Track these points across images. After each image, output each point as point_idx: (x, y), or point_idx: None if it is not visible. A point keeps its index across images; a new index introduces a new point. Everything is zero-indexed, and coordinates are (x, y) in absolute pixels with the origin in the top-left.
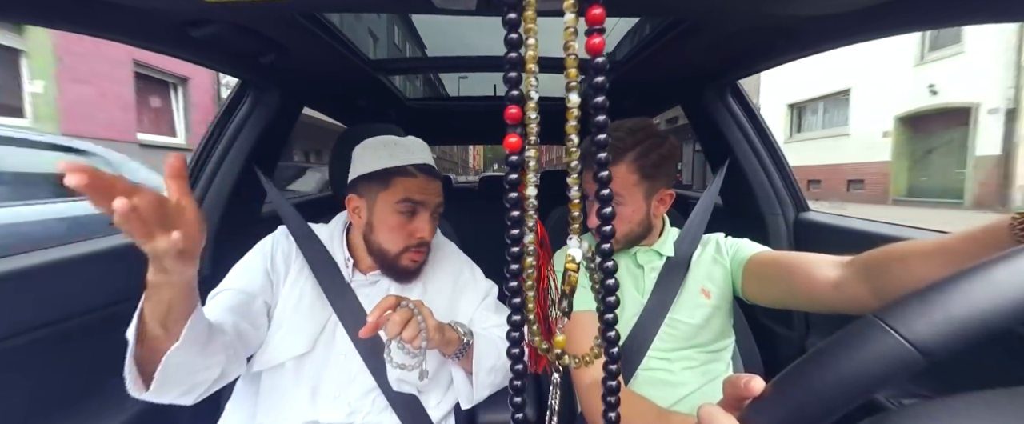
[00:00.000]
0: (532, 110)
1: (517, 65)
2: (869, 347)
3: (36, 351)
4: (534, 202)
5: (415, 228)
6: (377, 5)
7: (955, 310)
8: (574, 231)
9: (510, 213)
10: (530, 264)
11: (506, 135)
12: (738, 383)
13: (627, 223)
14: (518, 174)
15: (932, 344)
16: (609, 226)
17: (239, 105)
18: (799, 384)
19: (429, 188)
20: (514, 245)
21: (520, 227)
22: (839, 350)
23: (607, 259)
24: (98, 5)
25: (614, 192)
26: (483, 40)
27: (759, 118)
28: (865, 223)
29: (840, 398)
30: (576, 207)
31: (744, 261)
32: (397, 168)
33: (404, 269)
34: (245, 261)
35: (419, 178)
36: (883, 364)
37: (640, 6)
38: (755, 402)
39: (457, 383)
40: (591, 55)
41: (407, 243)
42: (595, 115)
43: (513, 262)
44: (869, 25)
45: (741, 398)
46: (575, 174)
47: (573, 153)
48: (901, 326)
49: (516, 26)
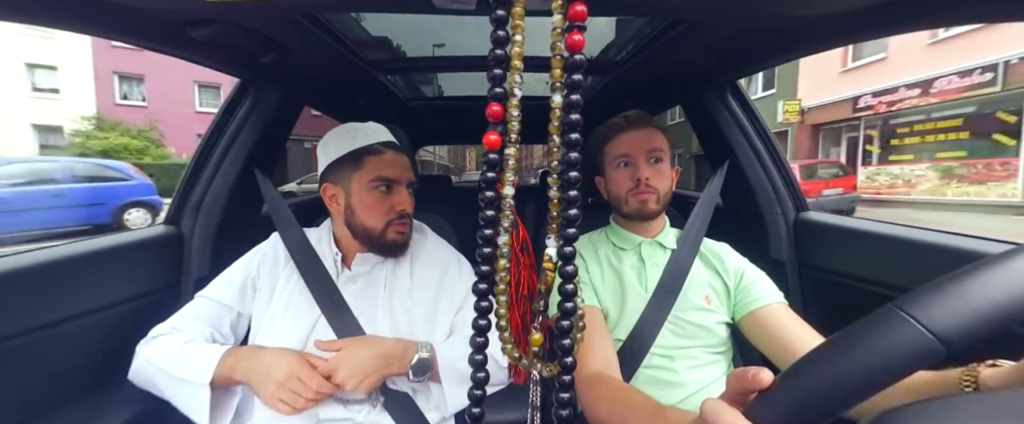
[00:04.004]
0: (514, 108)
1: (502, 62)
2: (889, 336)
3: (37, 350)
4: (511, 202)
5: (395, 202)
6: (377, 5)
7: (975, 300)
8: (552, 230)
9: (484, 212)
10: (503, 267)
11: (486, 132)
12: (745, 376)
13: (668, 180)
14: (495, 172)
15: (953, 334)
16: (573, 228)
17: (239, 105)
18: (812, 375)
19: (399, 162)
20: (486, 245)
21: (494, 227)
22: (857, 340)
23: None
24: (98, 5)
25: (659, 148)
26: (481, 40)
27: (759, 118)
28: (864, 223)
29: (856, 388)
30: (555, 207)
31: (748, 310)
32: (365, 148)
33: (392, 243)
34: (229, 272)
35: (387, 154)
36: (904, 353)
37: (640, 6)
38: (763, 394)
39: (435, 396)
40: (570, 52)
41: (388, 217)
42: (568, 113)
43: (484, 264)
44: (869, 24)
45: (747, 391)
46: (556, 174)
47: (555, 153)
48: (921, 315)
49: (504, 23)
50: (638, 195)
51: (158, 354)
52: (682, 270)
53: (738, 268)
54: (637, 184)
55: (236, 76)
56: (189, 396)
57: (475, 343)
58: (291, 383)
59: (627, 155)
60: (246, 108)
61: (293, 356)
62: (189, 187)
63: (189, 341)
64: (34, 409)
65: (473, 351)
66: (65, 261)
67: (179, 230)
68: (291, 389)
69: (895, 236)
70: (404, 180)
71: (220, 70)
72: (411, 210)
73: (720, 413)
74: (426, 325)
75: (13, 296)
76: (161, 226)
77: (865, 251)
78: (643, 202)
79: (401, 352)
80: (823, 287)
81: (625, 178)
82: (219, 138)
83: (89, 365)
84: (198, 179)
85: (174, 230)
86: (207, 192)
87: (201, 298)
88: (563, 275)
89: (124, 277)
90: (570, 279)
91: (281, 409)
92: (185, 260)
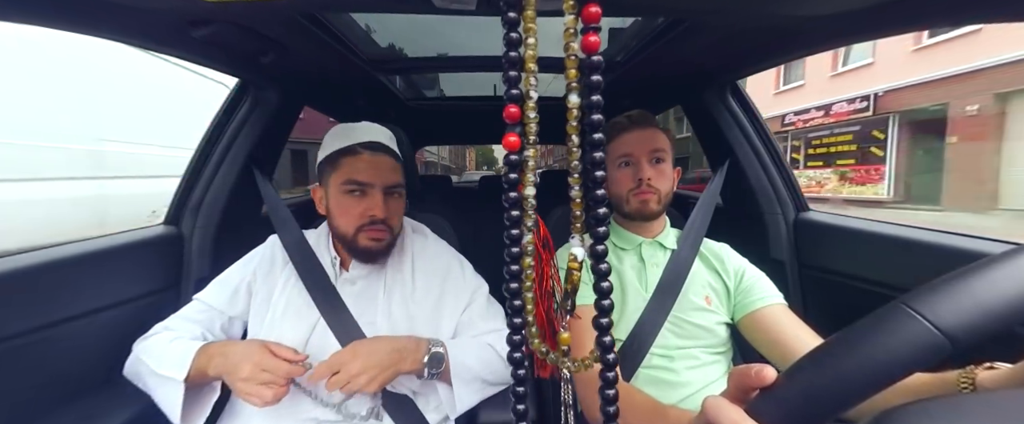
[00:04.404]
0: (531, 109)
1: (516, 64)
2: (896, 333)
3: (37, 350)
4: (533, 202)
5: (366, 207)
6: (377, 5)
7: (982, 296)
8: (576, 229)
9: (509, 212)
10: (529, 264)
11: (505, 134)
12: (747, 373)
13: (670, 180)
14: (517, 173)
15: (959, 330)
16: (603, 227)
17: (239, 105)
18: (817, 371)
19: (377, 165)
20: (514, 245)
21: (519, 227)
22: (863, 336)
23: (600, 261)
24: (98, 5)
25: (661, 149)
26: (482, 40)
27: (759, 118)
28: (864, 223)
29: (862, 384)
30: (578, 206)
31: (747, 311)
32: (345, 149)
33: (364, 249)
34: (223, 276)
35: (363, 155)
36: (910, 349)
37: (640, 6)
38: (766, 391)
39: (442, 396)
40: (587, 53)
41: (360, 222)
42: (590, 114)
43: (512, 263)
44: (869, 24)
45: (749, 388)
46: (577, 173)
47: (574, 153)
48: (928, 312)
49: (516, 25)
50: (639, 195)
51: (146, 351)
52: (682, 270)
53: (738, 269)
54: (639, 184)
55: (236, 76)
56: (166, 393)
57: (512, 341)
58: (257, 375)
59: (629, 155)
60: (246, 108)
61: (255, 347)
62: (189, 187)
63: (176, 338)
64: (34, 409)
65: (511, 349)
66: (65, 261)
67: (179, 230)
68: (258, 381)
69: (895, 236)
70: (379, 183)
71: (220, 70)
72: (382, 215)
73: (722, 410)
74: (429, 327)
75: (13, 296)
76: (161, 226)
77: (865, 251)
78: (644, 202)
79: (414, 347)
80: (823, 287)
81: (627, 178)
82: (219, 138)
83: (89, 365)
84: (198, 179)
85: (174, 230)
86: (207, 192)
87: (195, 300)
88: (597, 273)
89: (124, 277)
90: (605, 276)
91: (254, 402)
92: (185, 260)
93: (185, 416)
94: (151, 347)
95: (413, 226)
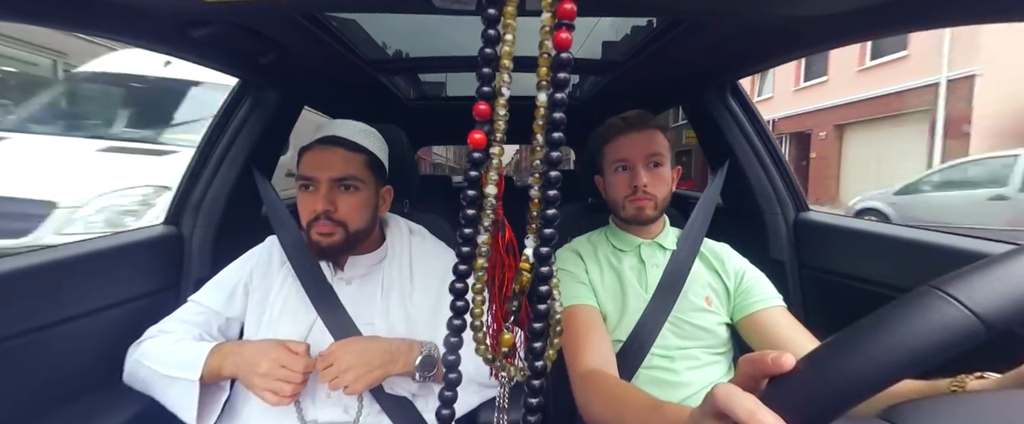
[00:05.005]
0: (502, 107)
1: (491, 61)
2: (929, 317)
3: (37, 351)
4: (493, 201)
5: (312, 201)
6: (377, 5)
7: (1016, 282)
8: (530, 230)
9: (465, 211)
10: (481, 266)
11: (471, 131)
12: (764, 359)
13: (667, 184)
14: (478, 171)
15: (994, 314)
16: (550, 228)
17: (239, 105)
18: (843, 356)
19: (324, 158)
20: (465, 244)
21: (474, 226)
22: (894, 321)
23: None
24: (98, 5)
25: (658, 153)
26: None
27: (759, 118)
28: (864, 223)
29: (892, 369)
30: (536, 206)
31: (746, 313)
32: (305, 146)
33: (313, 244)
34: (220, 276)
35: (314, 149)
36: (944, 334)
37: (641, 6)
38: (782, 378)
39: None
40: (558, 49)
41: (309, 218)
42: (552, 112)
43: (462, 262)
44: (869, 24)
45: (762, 376)
46: (537, 173)
47: (537, 152)
48: (963, 296)
49: (495, 23)
50: (635, 201)
51: (147, 354)
52: (682, 271)
53: (739, 269)
54: (634, 191)
55: (236, 76)
56: (178, 394)
57: (449, 343)
58: (275, 372)
59: (625, 159)
60: (246, 108)
61: (274, 345)
62: (189, 187)
63: (178, 340)
64: (34, 409)
65: (446, 351)
66: (65, 261)
67: (179, 230)
68: (276, 377)
69: (895, 236)
70: (323, 176)
71: (220, 70)
72: (322, 208)
73: (734, 398)
74: (428, 328)
75: (13, 296)
76: (161, 226)
77: (865, 251)
78: (640, 208)
79: (406, 349)
80: (823, 287)
81: (623, 183)
82: (219, 138)
83: (89, 365)
84: (198, 179)
85: (174, 230)
86: (207, 192)
87: (191, 302)
88: (537, 276)
89: (124, 277)
90: (545, 280)
91: (270, 399)
92: (185, 260)
93: (199, 416)
94: (152, 350)
95: (411, 227)
